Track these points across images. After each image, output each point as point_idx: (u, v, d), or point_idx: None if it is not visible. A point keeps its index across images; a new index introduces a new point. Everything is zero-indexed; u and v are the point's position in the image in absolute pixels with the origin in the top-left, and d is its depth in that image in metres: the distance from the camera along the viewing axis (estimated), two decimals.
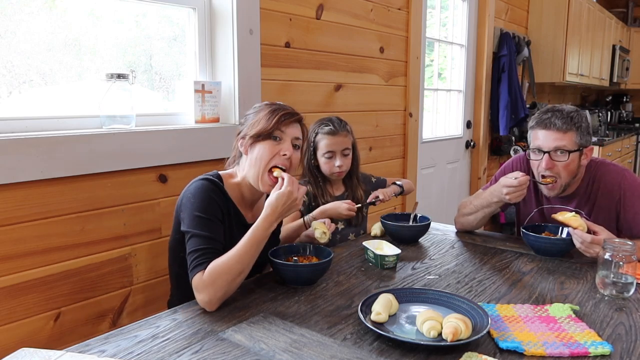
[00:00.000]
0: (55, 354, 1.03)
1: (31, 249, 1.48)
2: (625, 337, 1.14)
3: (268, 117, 1.44)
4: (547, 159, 1.71)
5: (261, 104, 1.52)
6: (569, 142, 1.69)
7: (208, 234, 1.33)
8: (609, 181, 1.76)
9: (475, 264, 1.64)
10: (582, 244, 1.58)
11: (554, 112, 1.72)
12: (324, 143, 1.89)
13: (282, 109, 1.47)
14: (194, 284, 1.27)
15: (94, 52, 1.80)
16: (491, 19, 3.92)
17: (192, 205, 1.36)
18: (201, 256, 1.29)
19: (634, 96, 7.66)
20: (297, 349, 1.08)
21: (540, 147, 1.72)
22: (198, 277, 1.26)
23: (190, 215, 1.35)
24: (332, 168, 1.90)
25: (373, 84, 2.81)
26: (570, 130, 1.69)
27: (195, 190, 1.38)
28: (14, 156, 1.41)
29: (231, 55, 2.00)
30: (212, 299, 1.25)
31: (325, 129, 1.90)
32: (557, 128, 1.69)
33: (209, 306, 1.25)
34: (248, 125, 1.46)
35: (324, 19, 2.43)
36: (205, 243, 1.31)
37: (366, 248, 1.65)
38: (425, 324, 1.12)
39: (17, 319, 1.47)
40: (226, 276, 1.26)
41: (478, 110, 4.03)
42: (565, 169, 1.71)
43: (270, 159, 1.42)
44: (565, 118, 1.70)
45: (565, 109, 1.73)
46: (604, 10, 5.82)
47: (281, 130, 1.44)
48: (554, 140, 1.69)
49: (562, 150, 1.69)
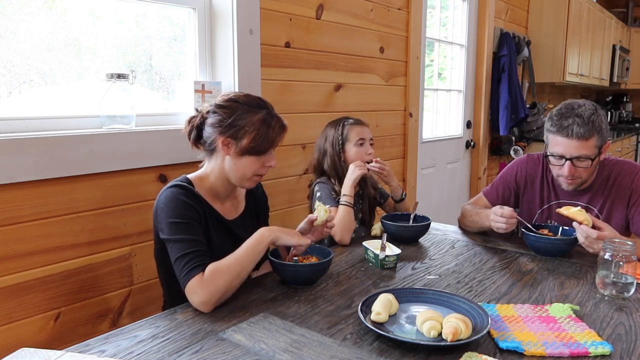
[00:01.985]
0: (55, 354, 1.03)
1: (31, 249, 1.48)
2: (625, 337, 1.14)
3: (266, 134, 1.40)
4: (569, 166, 1.69)
5: (250, 100, 1.44)
6: (590, 148, 1.67)
7: (189, 237, 1.32)
8: (623, 178, 1.78)
9: (475, 264, 1.64)
10: (586, 239, 1.58)
11: (574, 117, 1.66)
12: (355, 132, 1.98)
13: (278, 123, 1.44)
14: (190, 287, 1.25)
15: (94, 52, 1.80)
16: (491, 19, 3.92)
17: (166, 214, 1.35)
18: (192, 260, 1.28)
19: (634, 96, 7.66)
20: (297, 349, 1.08)
21: (563, 154, 1.70)
22: (197, 279, 1.25)
23: (166, 223, 1.34)
24: (363, 155, 1.97)
25: (373, 84, 2.81)
26: (592, 136, 1.65)
27: (166, 199, 1.37)
28: (14, 156, 1.41)
29: (231, 55, 2.00)
30: (211, 299, 1.24)
31: (350, 120, 2.01)
32: (578, 137, 1.65)
33: (205, 306, 1.24)
34: (240, 133, 1.39)
35: (324, 19, 2.43)
36: (190, 246, 1.30)
37: (366, 248, 1.65)
38: (425, 324, 1.12)
39: (17, 319, 1.47)
40: (227, 276, 1.26)
41: (478, 110, 4.03)
42: (586, 172, 1.72)
43: (256, 170, 1.44)
44: (586, 125, 1.64)
45: (585, 113, 1.66)
46: (604, 10, 5.82)
47: (272, 147, 1.45)
48: (576, 148, 1.67)
49: (584, 157, 1.68)
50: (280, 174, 2.25)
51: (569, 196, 1.85)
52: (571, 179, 1.73)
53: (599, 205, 1.81)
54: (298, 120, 2.33)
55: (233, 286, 1.29)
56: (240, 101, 1.42)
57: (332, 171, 1.98)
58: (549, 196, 1.90)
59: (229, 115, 1.40)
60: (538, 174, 1.92)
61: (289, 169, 2.29)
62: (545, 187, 1.91)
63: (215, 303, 1.25)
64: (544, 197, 1.91)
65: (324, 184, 1.97)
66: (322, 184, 1.97)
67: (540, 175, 1.91)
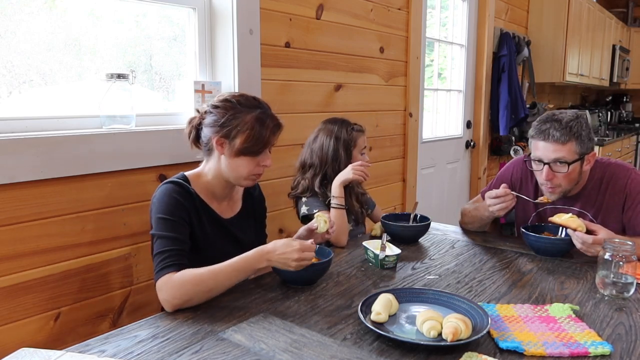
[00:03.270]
0: (55, 354, 1.04)
1: (31, 249, 1.48)
2: (625, 337, 1.14)
3: (259, 134, 1.41)
4: (547, 170, 1.69)
5: (244, 100, 1.44)
6: (568, 153, 1.66)
7: (173, 235, 1.34)
8: (617, 181, 1.77)
9: (475, 264, 1.64)
10: (583, 245, 1.58)
11: (553, 122, 1.67)
12: (362, 140, 1.97)
13: (272, 121, 1.44)
14: (159, 284, 1.27)
15: (94, 52, 1.80)
16: (491, 19, 3.92)
17: (156, 209, 1.38)
18: (168, 258, 1.30)
19: (634, 96, 7.66)
20: (297, 349, 1.08)
21: (540, 158, 1.71)
22: (166, 277, 1.27)
23: (155, 218, 1.37)
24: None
25: (373, 84, 2.81)
26: (569, 141, 1.66)
27: (160, 194, 1.40)
28: (14, 156, 1.41)
29: (231, 55, 2.00)
30: (172, 301, 1.25)
31: (357, 127, 1.98)
32: (555, 140, 1.66)
33: (167, 305, 1.26)
34: (233, 132, 1.40)
35: (324, 19, 2.43)
36: (170, 244, 1.32)
37: (366, 248, 1.65)
38: (425, 324, 1.12)
39: (17, 319, 1.47)
40: (196, 287, 1.26)
41: (478, 110, 4.03)
42: (566, 179, 1.70)
43: (252, 170, 1.45)
44: (564, 129, 1.65)
45: (564, 118, 1.68)
46: (604, 10, 5.82)
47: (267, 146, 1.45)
48: (553, 152, 1.67)
49: (561, 161, 1.67)
50: (280, 174, 2.25)
51: (562, 202, 1.83)
52: (551, 186, 1.72)
53: (593, 210, 1.79)
54: (298, 120, 2.32)
55: (200, 298, 1.28)
56: (234, 101, 1.43)
57: (333, 175, 1.88)
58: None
59: (222, 115, 1.41)
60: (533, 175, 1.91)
61: (288, 169, 2.29)
62: (539, 189, 1.90)
63: (177, 306, 1.26)
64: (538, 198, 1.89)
65: (309, 199, 1.89)
66: (310, 201, 1.88)
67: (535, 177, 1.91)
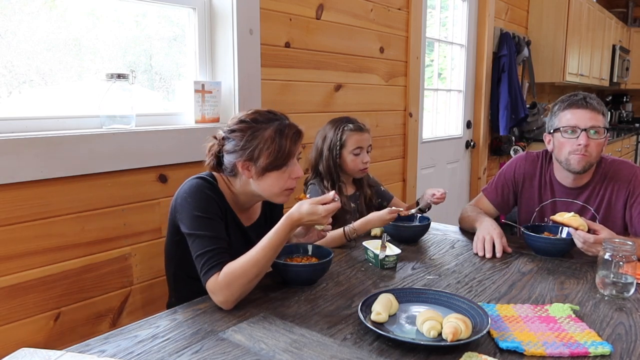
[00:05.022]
0: (55, 354, 1.03)
1: (31, 249, 1.48)
2: (625, 337, 1.14)
3: (280, 146, 1.36)
4: (584, 136, 1.72)
5: (259, 116, 1.40)
6: (602, 122, 1.75)
7: (212, 234, 1.31)
8: (621, 177, 1.79)
9: (475, 264, 1.64)
10: (584, 244, 1.58)
11: (583, 95, 1.78)
12: (354, 139, 1.93)
13: (291, 130, 1.40)
14: (209, 287, 1.27)
15: (94, 52, 1.80)
16: (491, 19, 3.92)
17: (189, 205, 1.34)
18: (212, 258, 1.28)
19: (634, 96, 7.67)
20: (297, 349, 1.08)
21: (577, 125, 1.74)
22: (213, 279, 1.26)
23: (189, 215, 1.33)
24: (358, 164, 1.94)
25: (373, 84, 2.81)
26: (601, 112, 1.75)
27: (191, 189, 1.36)
28: (14, 156, 1.41)
29: (231, 55, 2.00)
30: (228, 300, 1.25)
31: (351, 126, 1.94)
32: (592, 107, 1.74)
33: (225, 306, 1.26)
34: (256, 152, 1.36)
35: (324, 19, 2.43)
36: (211, 244, 1.30)
37: (366, 248, 1.65)
38: (425, 324, 1.12)
39: (17, 319, 1.47)
40: (242, 280, 1.26)
41: (478, 110, 4.03)
42: (598, 147, 1.75)
43: (283, 184, 1.40)
44: (596, 100, 1.77)
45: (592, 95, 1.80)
46: (604, 10, 5.82)
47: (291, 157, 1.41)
48: (590, 119, 1.73)
49: (596, 129, 1.73)
50: None
51: (566, 194, 1.85)
52: (585, 153, 1.73)
53: (596, 203, 1.81)
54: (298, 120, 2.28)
55: (252, 285, 1.29)
56: (249, 120, 1.39)
57: (326, 174, 1.94)
58: (546, 195, 1.90)
59: (241, 138, 1.37)
60: (537, 171, 1.92)
61: None
62: (543, 186, 1.91)
63: (235, 302, 1.26)
64: (542, 195, 1.91)
65: (314, 185, 1.93)
66: (313, 186, 1.93)
67: (538, 173, 1.92)
